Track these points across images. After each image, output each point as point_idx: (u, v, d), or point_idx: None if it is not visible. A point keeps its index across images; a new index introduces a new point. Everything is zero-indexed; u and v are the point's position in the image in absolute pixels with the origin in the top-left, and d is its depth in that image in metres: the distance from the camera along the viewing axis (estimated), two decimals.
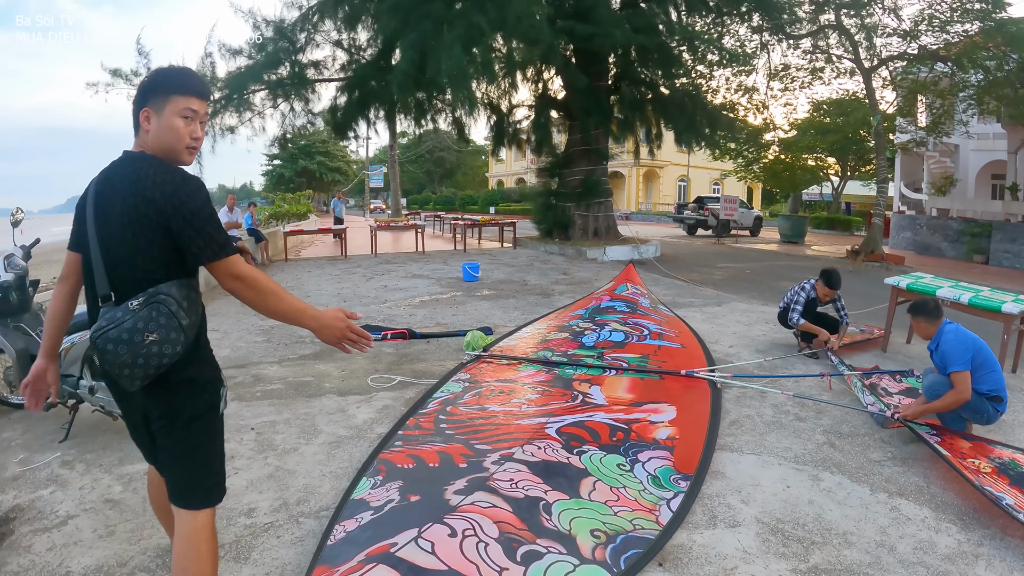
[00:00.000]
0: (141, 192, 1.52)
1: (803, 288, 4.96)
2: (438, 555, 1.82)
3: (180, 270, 1.58)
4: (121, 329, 1.48)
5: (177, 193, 1.52)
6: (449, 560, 1.80)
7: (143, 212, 1.51)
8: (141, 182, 1.53)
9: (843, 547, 2.30)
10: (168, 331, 1.52)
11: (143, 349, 1.48)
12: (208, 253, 1.54)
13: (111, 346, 1.49)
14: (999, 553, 2.29)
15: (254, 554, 2.27)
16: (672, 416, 3.16)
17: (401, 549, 1.82)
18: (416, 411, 3.36)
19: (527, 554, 1.90)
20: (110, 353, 1.49)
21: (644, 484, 2.46)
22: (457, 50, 9.28)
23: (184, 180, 1.56)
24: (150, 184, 1.52)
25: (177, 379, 1.60)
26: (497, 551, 1.88)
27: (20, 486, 2.83)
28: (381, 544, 1.89)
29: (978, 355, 3.21)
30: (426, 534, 1.91)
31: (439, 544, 1.86)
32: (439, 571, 1.76)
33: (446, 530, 1.94)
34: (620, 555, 1.97)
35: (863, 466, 2.99)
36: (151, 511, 2.49)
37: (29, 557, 2.29)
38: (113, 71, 12.61)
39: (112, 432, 3.41)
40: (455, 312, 6.75)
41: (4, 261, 3.60)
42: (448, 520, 2.01)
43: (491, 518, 2.04)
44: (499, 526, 2.00)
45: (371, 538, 1.96)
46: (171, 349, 1.52)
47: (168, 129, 1.58)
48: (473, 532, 1.94)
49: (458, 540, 1.89)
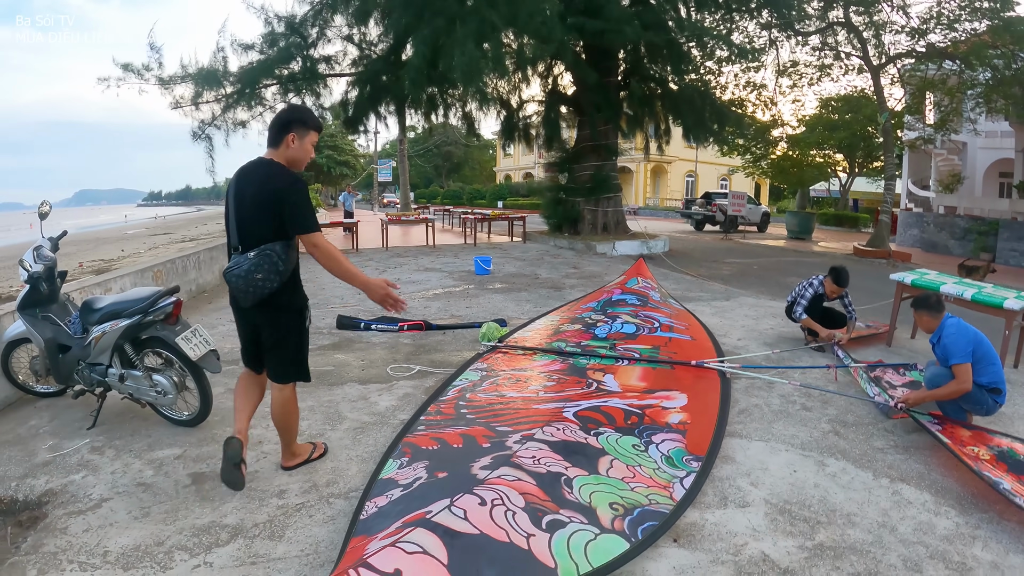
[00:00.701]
0: (267, 185, 2.41)
1: (811, 284, 5.07)
2: (471, 521, 1.97)
3: (283, 235, 2.43)
4: (241, 269, 2.38)
5: (289, 189, 2.41)
6: (481, 525, 1.95)
7: (266, 198, 2.40)
8: (270, 180, 2.42)
9: (847, 527, 2.44)
10: (270, 272, 2.40)
11: (253, 283, 2.38)
12: (299, 229, 2.42)
13: (234, 280, 2.40)
14: (995, 535, 2.42)
15: (288, 532, 2.37)
16: (684, 403, 3.31)
17: (436, 515, 1.97)
18: (436, 398, 3.50)
19: (551, 522, 2.05)
20: (233, 284, 2.41)
21: (658, 463, 2.61)
22: (470, 46, 9.39)
23: (294, 180, 2.46)
24: (275, 182, 2.41)
25: (278, 302, 2.51)
26: (524, 519, 2.03)
27: (51, 471, 2.90)
28: (416, 512, 2.03)
29: (978, 348, 3.33)
30: (458, 503, 2.06)
31: (471, 511, 2.01)
32: (472, 535, 1.91)
33: (476, 499, 2.09)
34: (637, 526, 2.13)
35: (867, 453, 3.13)
36: (184, 494, 2.67)
37: (66, 538, 2.35)
38: (124, 66, 12.74)
39: (139, 419, 3.51)
40: (469, 305, 6.90)
41: (34, 252, 3.67)
42: (477, 491, 2.15)
43: (517, 490, 2.19)
44: (525, 497, 2.15)
45: (404, 510, 2.10)
46: (270, 284, 2.42)
47: (303, 151, 2.51)
48: (501, 502, 2.09)
49: (488, 508, 2.04)
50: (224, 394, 3.82)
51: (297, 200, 2.40)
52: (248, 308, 2.50)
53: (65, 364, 3.49)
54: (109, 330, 3.29)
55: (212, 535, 2.37)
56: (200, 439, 3.24)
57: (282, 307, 2.53)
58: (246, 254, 2.40)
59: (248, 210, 2.44)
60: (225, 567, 2.17)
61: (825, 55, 16.20)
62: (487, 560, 1.82)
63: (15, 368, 3.81)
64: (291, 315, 2.57)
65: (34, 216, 3.98)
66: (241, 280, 2.38)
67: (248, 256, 2.39)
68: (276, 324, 2.55)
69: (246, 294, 2.41)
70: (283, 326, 2.57)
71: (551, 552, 1.90)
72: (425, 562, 1.76)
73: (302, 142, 2.49)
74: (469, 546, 1.85)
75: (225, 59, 12.91)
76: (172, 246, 19.27)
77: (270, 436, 3.26)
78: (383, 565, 1.70)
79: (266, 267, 2.38)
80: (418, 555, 1.77)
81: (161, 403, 3.36)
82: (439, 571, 1.74)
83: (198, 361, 3.23)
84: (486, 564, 1.80)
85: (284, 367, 2.64)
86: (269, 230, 2.41)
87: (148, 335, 3.33)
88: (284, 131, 2.47)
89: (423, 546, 1.81)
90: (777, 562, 2.19)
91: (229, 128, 13.45)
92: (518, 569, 1.81)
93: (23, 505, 2.61)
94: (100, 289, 5.24)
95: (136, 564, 2.19)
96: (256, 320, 2.57)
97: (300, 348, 2.65)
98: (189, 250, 8.29)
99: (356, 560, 1.74)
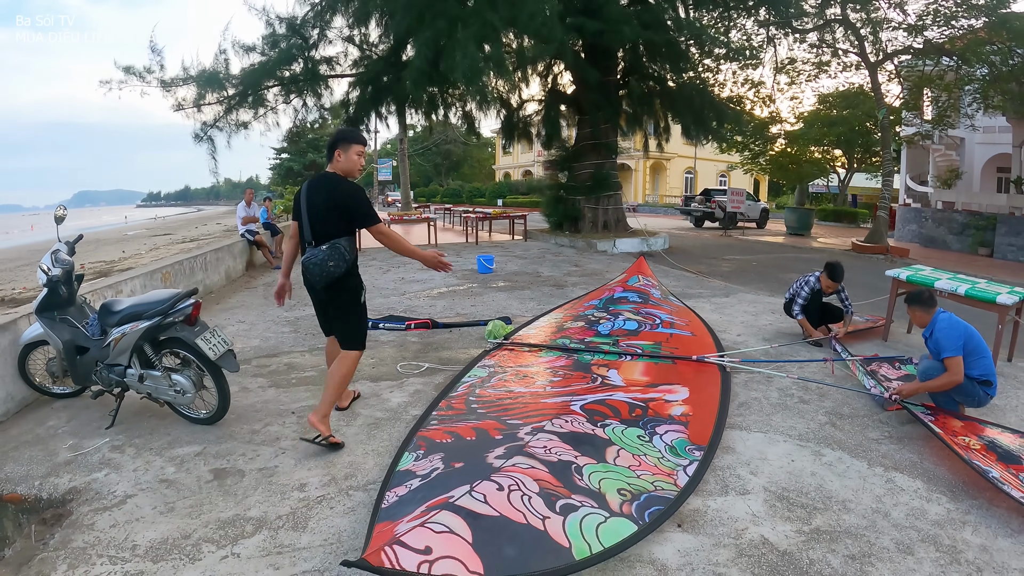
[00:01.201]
0: (335, 192, 3.09)
1: (807, 281, 5.19)
2: (491, 504, 2.11)
3: (348, 231, 3.13)
4: (316, 259, 3.03)
5: (352, 194, 3.11)
6: (500, 508, 2.09)
7: (335, 203, 3.07)
8: (335, 187, 3.11)
9: (842, 512, 2.56)
10: (339, 261, 3.04)
11: (325, 269, 3.03)
12: (365, 223, 3.13)
13: (312, 267, 3.04)
14: (985, 520, 2.55)
15: (311, 523, 2.46)
16: (685, 396, 3.43)
17: (459, 499, 2.11)
18: (447, 394, 3.62)
19: (564, 506, 2.18)
20: (311, 271, 3.05)
21: (662, 453, 2.74)
22: (471, 47, 9.48)
23: (355, 188, 3.15)
24: (340, 189, 3.09)
25: (341, 285, 3.14)
26: (539, 503, 2.17)
27: (74, 470, 2.96)
28: (439, 497, 2.17)
29: (969, 342, 3.45)
30: (477, 488, 2.19)
31: (490, 496, 2.15)
32: (493, 516, 2.04)
33: (494, 486, 2.22)
34: (644, 510, 2.26)
35: (862, 443, 3.25)
36: (206, 489, 2.77)
37: (93, 534, 2.41)
38: (126, 68, 12.81)
39: (157, 418, 3.59)
40: (473, 303, 7.01)
41: (52, 256, 3.72)
42: (494, 478, 2.29)
43: (531, 477, 2.32)
44: (539, 483, 2.29)
45: (424, 497, 2.23)
46: (338, 270, 3.05)
47: (349, 161, 3.17)
48: (517, 487, 2.23)
49: (505, 493, 2.18)
50: (238, 392, 3.93)
51: (360, 202, 3.11)
52: (318, 289, 3.15)
53: (83, 365, 3.56)
54: (129, 331, 3.37)
55: (237, 527, 2.44)
56: (219, 436, 3.33)
57: (343, 288, 3.17)
58: (319, 247, 3.05)
59: (320, 213, 3.09)
60: (252, 557, 2.25)
61: (822, 52, 16.31)
62: (507, 539, 1.95)
63: (32, 370, 3.88)
64: (350, 294, 3.21)
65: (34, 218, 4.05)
66: (317, 267, 3.03)
67: (322, 249, 3.04)
68: (338, 302, 3.21)
69: (320, 278, 3.06)
70: (344, 303, 3.22)
71: (565, 533, 2.04)
72: (452, 540, 1.89)
73: (347, 155, 3.16)
74: (491, 527, 1.99)
75: (227, 61, 12.98)
76: (173, 247, 19.37)
77: (287, 432, 3.38)
78: (415, 543, 1.83)
79: (336, 257, 3.04)
80: (445, 534, 1.91)
81: (180, 402, 3.45)
82: (465, 548, 1.87)
83: (217, 361, 3.32)
84: (507, 542, 1.93)
85: (345, 336, 3.26)
86: (336, 228, 3.08)
87: (167, 336, 3.41)
88: (332, 149, 3.17)
89: (449, 526, 1.94)
90: (776, 545, 2.32)
91: (231, 129, 13.54)
92: (536, 547, 1.94)
93: (47, 503, 2.69)
94: (111, 291, 5.34)
95: (165, 556, 2.26)
96: (324, 298, 3.24)
97: (359, 321, 3.27)
98: (196, 252, 8.39)
99: (389, 539, 1.86)
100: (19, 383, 3.84)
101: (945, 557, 2.29)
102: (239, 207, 10.71)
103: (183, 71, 12.92)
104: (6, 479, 2.89)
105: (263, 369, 4.57)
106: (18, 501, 2.71)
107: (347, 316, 3.24)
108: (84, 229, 5.52)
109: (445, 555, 1.83)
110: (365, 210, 3.10)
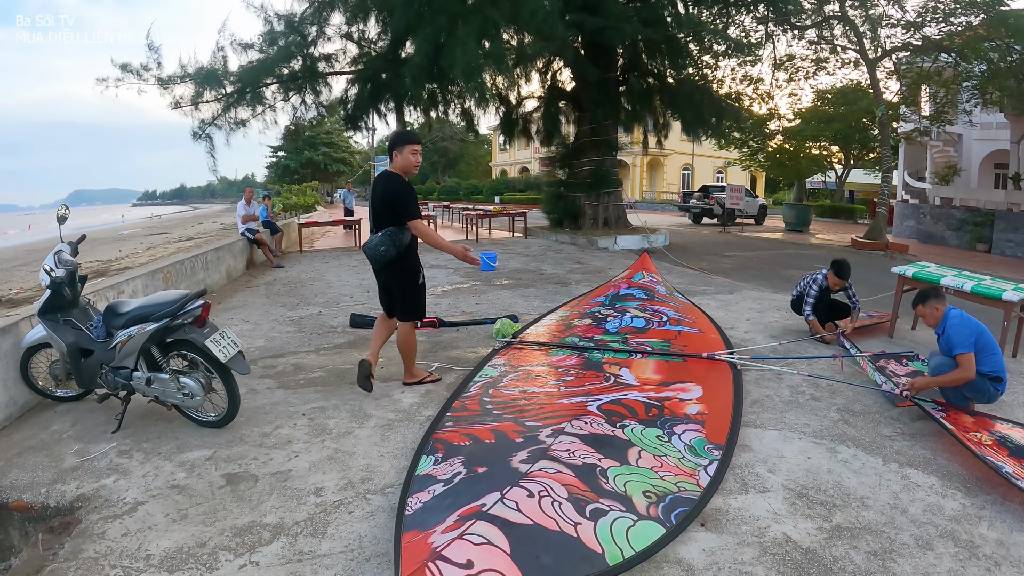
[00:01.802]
0: (388, 188, 3.65)
1: (814, 280, 5.20)
2: (523, 512, 2.09)
3: (397, 221, 3.64)
4: (371, 244, 3.65)
5: (397, 191, 3.64)
6: (533, 516, 2.08)
7: (388, 198, 3.64)
8: (388, 184, 3.67)
9: (861, 509, 2.57)
10: (390, 246, 3.62)
11: (378, 253, 3.63)
12: (408, 216, 3.62)
13: (369, 251, 3.65)
14: (1000, 516, 2.56)
15: (330, 529, 2.40)
16: (699, 395, 3.43)
17: (491, 508, 2.10)
18: (460, 394, 3.61)
19: (594, 511, 2.17)
20: (368, 254, 3.67)
21: (682, 453, 2.73)
22: (472, 44, 9.46)
23: (405, 185, 3.68)
24: (391, 186, 3.64)
25: (399, 266, 3.72)
26: (570, 508, 2.15)
27: (81, 476, 2.86)
28: (470, 506, 2.15)
29: (980, 338, 3.47)
30: (508, 496, 2.18)
31: (522, 503, 2.14)
32: (527, 525, 2.03)
33: (524, 492, 2.21)
34: (670, 512, 2.25)
35: (875, 440, 3.26)
36: (219, 495, 2.69)
37: (104, 543, 2.31)
38: (123, 66, 12.71)
39: (165, 421, 3.50)
40: (478, 301, 7.00)
41: (55, 257, 3.63)
42: (523, 484, 2.27)
43: (559, 481, 2.31)
44: (567, 488, 2.27)
45: (452, 504, 2.21)
46: (389, 254, 3.63)
47: (405, 160, 3.68)
48: (547, 493, 2.21)
49: (536, 500, 2.16)
50: (246, 395, 3.86)
51: (403, 197, 3.62)
52: (379, 270, 3.78)
53: (88, 368, 3.48)
54: (136, 334, 3.29)
55: (254, 534, 2.37)
56: (229, 440, 3.26)
57: (400, 270, 3.73)
58: (376, 234, 3.65)
59: (378, 206, 3.68)
60: (272, 566, 2.18)
61: (821, 49, 16.33)
62: (543, 547, 1.94)
63: (34, 373, 3.78)
64: (407, 275, 3.76)
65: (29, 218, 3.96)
66: (372, 251, 3.64)
67: (377, 236, 3.64)
68: (398, 281, 3.77)
69: (375, 260, 3.68)
70: (401, 282, 3.77)
71: (597, 538, 2.03)
72: (491, 552, 1.88)
73: (402, 154, 3.67)
74: (526, 536, 1.98)
75: (225, 58, 12.92)
76: (170, 246, 19.27)
77: (299, 435, 3.32)
78: (456, 557, 1.82)
79: (387, 243, 3.61)
80: (484, 546, 1.90)
81: (188, 405, 3.37)
82: (504, 560, 1.86)
83: (227, 363, 3.25)
84: (543, 551, 1.92)
85: (403, 310, 3.85)
86: (388, 218, 3.65)
87: (175, 338, 3.34)
88: (391, 150, 3.71)
89: (487, 537, 1.93)
90: (799, 543, 2.32)
91: (230, 127, 13.47)
92: (571, 555, 1.93)
93: (55, 511, 2.59)
94: (113, 292, 5.28)
95: (181, 566, 2.18)
96: (386, 278, 3.81)
97: (415, 300, 3.85)
98: (197, 251, 8.34)
99: (429, 554, 1.85)
100: (21, 387, 3.74)
101: (963, 552, 2.30)
102: (239, 205, 10.64)
103: (180, 69, 12.85)
104: (11, 486, 2.79)
105: (270, 370, 4.53)
106: (24, 509, 2.62)
107: (405, 294, 3.79)
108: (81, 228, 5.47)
109: (487, 568, 1.81)
110: (405, 205, 3.61)
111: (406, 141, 3.68)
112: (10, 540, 2.57)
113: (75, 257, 3.74)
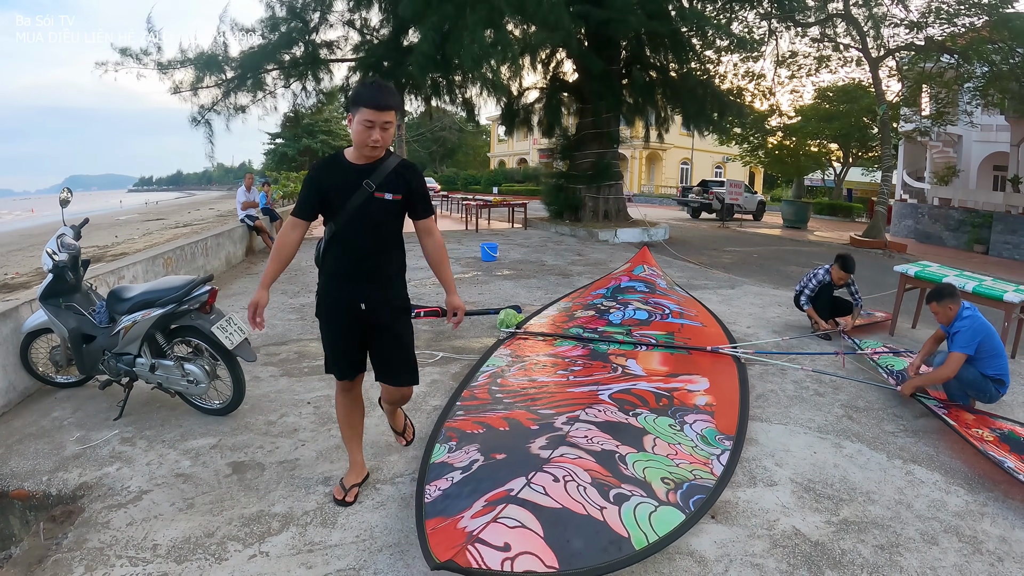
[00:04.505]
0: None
1: (816, 274, 5.23)
2: (551, 496, 2.11)
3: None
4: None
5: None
6: (560, 500, 2.10)
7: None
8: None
9: (867, 504, 2.60)
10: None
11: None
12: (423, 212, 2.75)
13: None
14: (1002, 511, 2.59)
15: (340, 519, 2.37)
16: (706, 386, 3.45)
17: (520, 492, 2.12)
18: (468, 384, 3.60)
19: (617, 495, 2.19)
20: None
21: (695, 442, 2.76)
22: (480, 33, 9.40)
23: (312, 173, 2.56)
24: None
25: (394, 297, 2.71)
26: (594, 493, 2.18)
27: (83, 464, 2.81)
28: (497, 491, 2.16)
29: (987, 341, 3.49)
30: (535, 480, 2.19)
31: (549, 487, 2.16)
32: (556, 508, 2.05)
33: (549, 477, 2.23)
34: (688, 498, 2.28)
35: (879, 436, 3.29)
36: (226, 483, 2.63)
37: (110, 533, 2.28)
38: (122, 50, 12.59)
39: (167, 408, 3.46)
40: (480, 291, 7.00)
41: (57, 241, 3.56)
42: (547, 469, 2.29)
43: (581, 467, 2.33)
44: (590, 473, 2.30)
45: (474, 490, 2.21)
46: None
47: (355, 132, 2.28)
48: (572, 478, 2.24)
49: (561, 484, 2.19)
50: (250, 382, 3.81)
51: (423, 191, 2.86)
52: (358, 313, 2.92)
53: (90, 354, 3.44)
54: (141, 319, 3.25)
55: (263, 524, 2.34)
56: (233, 428, 3.24)
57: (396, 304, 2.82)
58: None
59: None
60: (282, 556, 2.16)
61: (824, 46, 16.31)
62: (573, 531, 1.96)
63: (35, 359, 3.74)
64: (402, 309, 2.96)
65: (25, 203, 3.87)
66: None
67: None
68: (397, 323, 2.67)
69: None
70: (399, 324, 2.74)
71: (622, 522, 2.05)
72: (526, 535, 1.90)
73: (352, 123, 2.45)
74: (556, 519, 2.00)
75: (226, 44, 12.82)
76: (166, 232, 19.18)
77: (304, 423, 3.30)
78: (494, 540, 1.85)
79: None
80: (519, 529, 1.92)
81: (192, 392, 3.34)
82: (538, 543, 1.88)
83: (233, 350, 3.22)
84: (573, 534, 1.94)
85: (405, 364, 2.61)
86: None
87: (180, 324, 3.31)
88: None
89: (521, 521, 1.95)
90: (808, 536, 2.35)
91: (229, 113, 13.38)
92: (599, 538, 1.96)
93: (56, 499, 2.55)
94: (114, 277, 5.24)
95: (189, 557, 2.14)
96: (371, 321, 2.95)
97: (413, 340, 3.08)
98: (197, 237, 8.30)
99: (466, 537, 1.87)
100: (21, 372, 3.69)
101: (968, 547, 2.33)
102: (239, 192, 10.59)
103: (181, 54, 12.74)
104: (11, 474, 2.73)
105: (273, 357, 4.52)
106: (25, 498, 2.58)
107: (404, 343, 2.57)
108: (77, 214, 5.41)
109: (523, 551, 1.83)
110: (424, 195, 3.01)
111: (357, 102, 2.21)
112: (11, 529, 2.52)
113: (78, 241, 3.68)
